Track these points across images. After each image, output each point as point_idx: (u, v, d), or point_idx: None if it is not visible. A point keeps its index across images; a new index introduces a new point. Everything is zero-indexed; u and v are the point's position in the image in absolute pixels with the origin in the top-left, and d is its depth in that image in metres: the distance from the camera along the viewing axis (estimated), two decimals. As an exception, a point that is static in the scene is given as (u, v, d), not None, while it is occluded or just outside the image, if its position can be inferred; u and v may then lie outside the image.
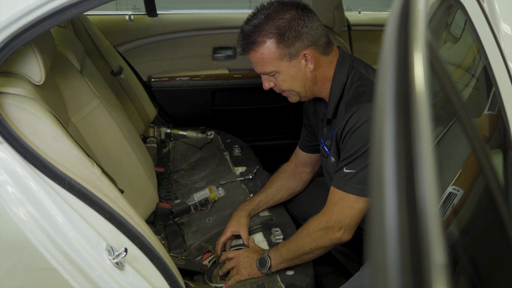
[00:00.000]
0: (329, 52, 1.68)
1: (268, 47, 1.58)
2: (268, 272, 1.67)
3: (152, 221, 1.96)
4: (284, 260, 1.66)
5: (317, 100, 1.88)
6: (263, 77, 1.69)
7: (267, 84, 1.69)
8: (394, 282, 0.49)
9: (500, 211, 0.93)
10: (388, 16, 0.70)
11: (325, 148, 1.87)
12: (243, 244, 1.85)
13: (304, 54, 1.61)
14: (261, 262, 1.68)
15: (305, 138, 2.12)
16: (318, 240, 1.62)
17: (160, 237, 1.87)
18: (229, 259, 1.77)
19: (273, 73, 1.64)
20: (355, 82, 1.67)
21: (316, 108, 1.94)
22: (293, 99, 1.75)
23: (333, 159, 1.76)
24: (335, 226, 1.60)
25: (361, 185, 1.57)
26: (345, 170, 1.59)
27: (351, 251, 2.12)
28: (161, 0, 3.37)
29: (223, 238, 1.87)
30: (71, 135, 1.31)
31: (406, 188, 0.52)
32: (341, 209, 1.60)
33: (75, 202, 1.22)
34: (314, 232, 1.63)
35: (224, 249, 1.89)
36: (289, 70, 1.62)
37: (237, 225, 1.90)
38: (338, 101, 1.70)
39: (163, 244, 1.81)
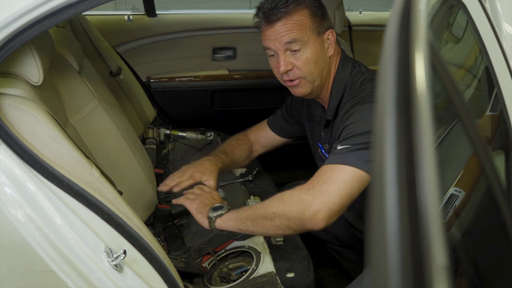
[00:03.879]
0: (337, 46, 1.71)
1: (303, 15, 1.60)
2: (212, 222, 1.57)
3: (151, 222, 1.95)
4: (237, 217, 1.53)
5: (313, 103, 1.87)
6: (282, 57, 1.61)
7: (284, 67, 1.61)
8: (395, 284, 0.49)
9: (502, 213, 0.93)
10: (389, 16, 0.70)
11: (324, 152, 1.86)
12: (241, 247, 1.83)
13: (329, 34, 1.65)
14: (216, 207, 1.60)
15: (280, 120, 2.13)
16: (288, 205, 1.40)
17: (159, 239, 1.86)
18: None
19: (299, 48, 1.59)
20: (355, 82, 1.66)
21: (311, 113, 1.92)
22: (302, 89, 1.67)
23: None
24: (316, 197, 1.35)
25: (357, 159, 1.39)
26: (338, 147, 1.46)
27: (353, 253, 2.11)
28: (160, 0, 3.36)
29: (182, 178, 1.85)
30: (69, 136, 1.31)
31: (407, 189, 0.52)
32: (330, 180, 1.38)
33: (74, 204, 1.21)
34: (290, 195, 1.42)
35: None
36: (316, 46, 1.62)
37: (203, 171, 1.85)
38: (338, 102, 1.69)
39: (162, 246, 1.80)
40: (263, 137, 2.17)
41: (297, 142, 3.02)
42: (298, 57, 1.61)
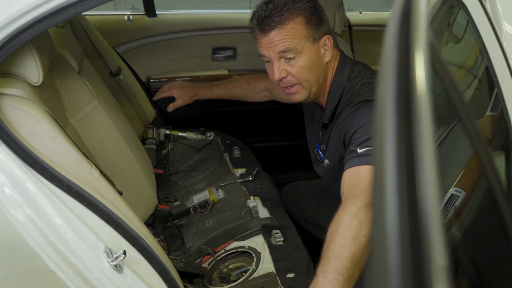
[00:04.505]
0: (336, 49, 1.69)
1: (298, 22, 1.57)
2: None
3: (151, 223, 1.95)
4: (341, 279, 1.14)
5: (314, 104, 1.88)
6: (276, 65, 1.61)
7: (278, 75, 1.61)
8: (395, 284, 0.49)
9: (502, 213, 0.93)
10: (389, 16, 0.70)
11: (320, 152, 1.86)
12: (241, 248, 1.83)
13: (325, 40, 1.62)
14: None
15: None
16: (365, 221, 1.22)
17: (159, 239, 1.86)
18: None
19: (293, 56, 1.58)
20: (354, 86, 1.65)
21: (313, 112, 1.93)
22: (299, 96, 1.67)
23: (327, 161, 1.74)
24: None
25: None
26: (359, 151, 1.40)
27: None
28: (160, 0, 3.36)
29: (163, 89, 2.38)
30: (69, 136, 1.31)
31: (407, 189, 0.52)
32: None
33: (73, 204, 1.21)
34: (357, 211, 1.23)
35: None
36: (311, 53, 1.60)
37: (183, 95, 2.35)
38: (336, 106, 1.68)
39: (162, 246, 1.80)
40: (279, 93, 2.18)
41: (296, 142, 3.01)
42: (293, 64, 1.60)
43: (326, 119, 1.72)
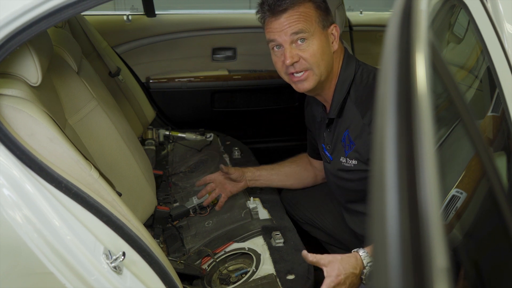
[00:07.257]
0: (341, 42, 1.71)
1: (308, 7, 1.61)
2: None
3: (150, 224, 1.95)
4: None
5: (314, 103, 1.87)
6: (288, 49, 1.61)
7: (290, 59, 1.60)
8: (395, 285, 0.48)
9: (504, 215, 0.92)
10: (390, 16, 0.69)
11: (327, 153, 1.84)
12: (241, 249, 1.82)
13: (333, 28, 1.65)
14: None
15: (312, 144, 2.09)
16: None
17: (158, 240, 1.86)
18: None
19: (305, 38, 1.59)
20: (365, 78, 1.66)
21: (313, 113, 1.92)
22: (308, 83, 1.65)
23: (354, 162, 1.72)
24: None
25: None
26: None
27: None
28: (160, 0, 3.35)
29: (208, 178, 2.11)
30: (68, 137, 1.30)
31: (408, 190, 0.52)
32: None
33: (72, 205, 1.20)
34: None
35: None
36: (322, 38, 1.62)
37: (223, 189, 2.08)
38: (343, 100, 1.68)
39: (161, 248, 1.79)
40: (315, 163, 2.14)
41: (296, 143, 3.00)
42: (304, 48, 1.60)
43: (332, 114, 1.71)
